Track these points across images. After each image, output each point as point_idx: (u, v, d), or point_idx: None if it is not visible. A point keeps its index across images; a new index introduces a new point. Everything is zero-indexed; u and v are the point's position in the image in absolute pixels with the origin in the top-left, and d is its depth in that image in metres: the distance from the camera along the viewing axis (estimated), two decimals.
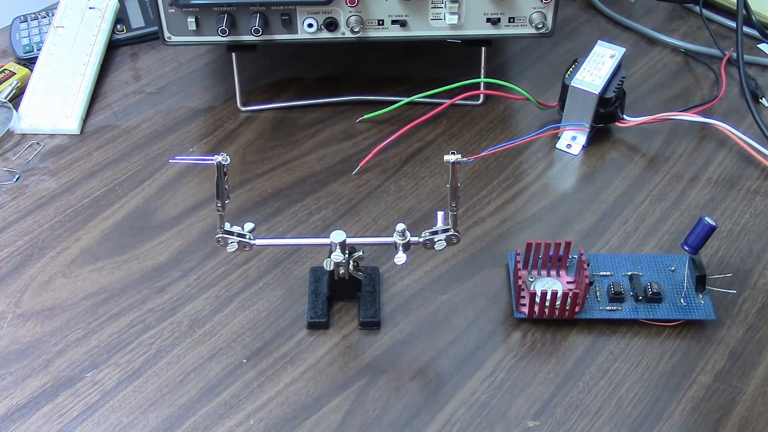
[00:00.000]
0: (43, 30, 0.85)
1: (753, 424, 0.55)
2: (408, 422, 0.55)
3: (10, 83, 0.79)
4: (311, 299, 0.61)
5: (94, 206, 0.69)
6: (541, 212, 0.69)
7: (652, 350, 0.59)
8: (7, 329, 0.60)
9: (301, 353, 0.59)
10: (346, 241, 0.56)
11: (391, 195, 0.70)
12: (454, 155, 0.51)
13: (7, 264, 0.65)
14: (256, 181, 0.72)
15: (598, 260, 0.64)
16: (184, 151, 0.74)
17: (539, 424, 0.55)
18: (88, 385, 0.57)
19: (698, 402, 0.56)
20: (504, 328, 0.60)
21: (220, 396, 0.56)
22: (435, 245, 0.56)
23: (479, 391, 0.57)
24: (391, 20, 0.73)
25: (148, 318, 0.61)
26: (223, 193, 0.53)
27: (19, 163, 0.73)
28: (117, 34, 0.86)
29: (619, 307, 0.60)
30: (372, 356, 0.59)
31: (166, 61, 0.84)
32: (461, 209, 0.68)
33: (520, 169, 0.73)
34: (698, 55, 0.86)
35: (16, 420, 0.55)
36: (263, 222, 0.68)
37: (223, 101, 0.80)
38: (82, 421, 0.55)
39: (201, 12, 0.71)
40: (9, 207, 0.69)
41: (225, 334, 0.60)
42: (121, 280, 0.64)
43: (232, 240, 0.56)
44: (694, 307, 0.60)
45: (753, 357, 0.59)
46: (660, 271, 0.63)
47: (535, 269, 0.62)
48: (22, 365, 0.58)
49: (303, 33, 0.73)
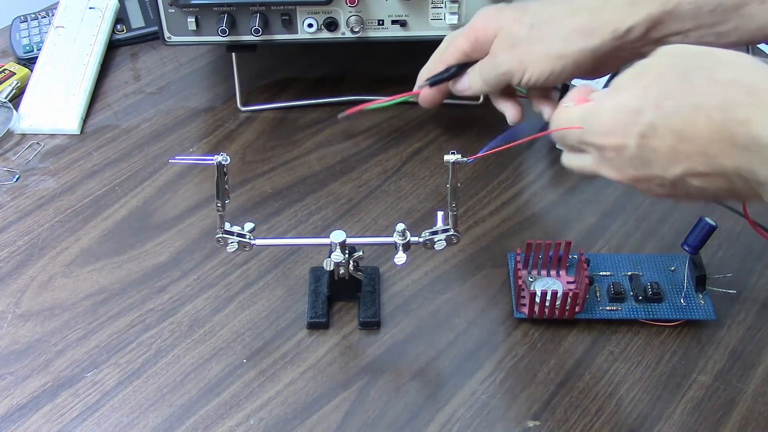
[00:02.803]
0: (43, 30, 0.85)
1: (753, 424, 0.55)
2: (408, 422, 0.55)
3: (10, 83, 0.79)
4: (311, 299, 0.61)
5: (94, 206, 0.69)
6: (541, 212, 0.69)
7: (652, 350, 0.59)
8: (7, 329, 0.60)
9: (301, 353, 0.59)
10: (346, 241, 0.56)
11: (391, 195, 0.70)
12: (454, 155, 0.51)
13: (7, 264, 0.65)
14: (256, 181, 0.72)
15: (598, 260, 0.64)
16: (184, 151, 0.74)
17: (539, 424, 0.55)
18: (88, 385, 0.57)
19: (698, 402, 0.56)
20: (504, 328, 0.60)
21: (220, 396, 0.56)
22: (435, 245, 0.56)
23: (479, 391, 0.57)
24: (391, 20, 0.73)
25: (148, 318, 0.61)
26: (223, 193, 0.53)
27: (19, 163, 0.73)
28: (117, 34, 0.86)
29: (619, 307, 0.60)
30: (372, 356, 0.59)
31: (166, 61, 0.84)
32: (461, 209, 0.68)
33: (520, 169, 0.73)
34: None
35: (16, 420, 0.55)
36: (263, 222, 0.68)
37: (223, 101, 0.80)
38: (82, 421, 0.55)
39: (201, 12, 0.71)
40: (9, 207, 0.69)
41: (225, 334, 0.60)
42: (121, 280, 0.64)
43: (232, 240, 0.56)
44: (694, 307, 0.60)
45: (753, 357, 0.59)
46: (660, 271, 0.63)
47: (535, 269, 0.62)
48: (22, 365, 0.58)
49: (303, 33, 0.73)
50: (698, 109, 0.44)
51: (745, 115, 0.42)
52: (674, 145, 0.45)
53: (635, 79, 0.48)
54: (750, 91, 0.42)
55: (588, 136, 0.50)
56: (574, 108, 0.52)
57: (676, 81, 0.46)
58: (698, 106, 0.44)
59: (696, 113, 0.44)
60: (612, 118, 0.48)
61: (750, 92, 0.42)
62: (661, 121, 0.45)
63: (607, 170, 0.51)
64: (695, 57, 0.46)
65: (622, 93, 0.48)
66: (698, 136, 0.44)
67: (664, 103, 0.45)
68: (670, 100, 0.45)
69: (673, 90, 0.45)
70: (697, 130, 0.44)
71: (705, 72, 0.45)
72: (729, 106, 0.42)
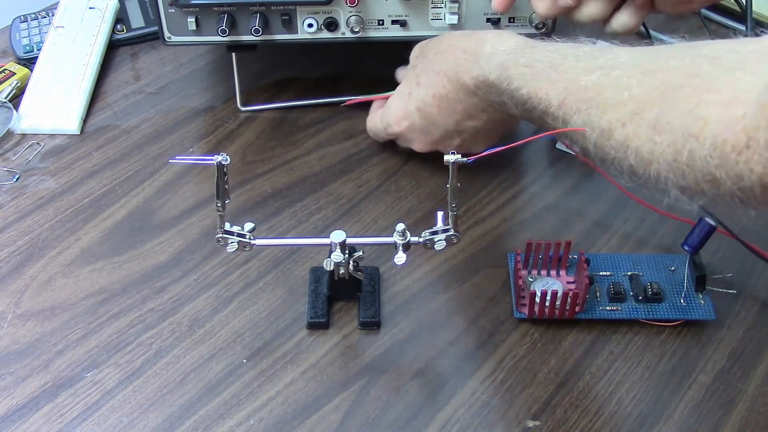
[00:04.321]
0: (43, 30, 0.85)
1: (753, 424, 0.55)
2: (408, 422, 0.55)
3: (10, 83, 0.79)
4: (311, 299, 0.61)
5: (94, 206, 0.69)
6: (541, 212, 0.69)
7: (652, 350, 0.59)
8: (7, 329, 0.60)
9: (301, 353, 0.59)
10: (346, 241, 0.56)
11: (391, 195, 0.70)
12: (454, 155, 0.51)
13: (7, 264, 0.65)
14: (256, 181, 0.72)
15: (598, 260, 0.64)
16: (184, 151, 0.74)
17: (539, 424, 0.55)
18: (88, 385, 0.57)
19: (698, 402, 0.56)
20: (504, 328, 0.60)
21: (220, 396, 0.56)
22: (435, 245, 0.56)
23: (479, 391, 0.57)
24: (391, 20, 0.73)
25: (148, 318, 0.61)
26: (223, 193, 0.53)
27: (19, 163, 0.73)
28: (117, 34, 0.86)
29: (619, 307, 0.60)
30: (372, 356, 0.59)
31: (166, 61, 0.84)
32: (461, 209, 0.68)
33: (520, 169, 0.73)
34: None
35: (16, 420, 0.55)
36: (263, 222, 0.68)
37: (223, 101, 0.80)
38: (82, 421, 0.55)
39: (201, 12, 0.71)
40: (9, 207, 0.69)
41: (225, 334, 0.60)
42: (121, 280, 0.64)
43: (232, 240, 0.56)
44: (694, 307, 0.60)
45: (753, 357, 0.59)
46: (660, 271, 0.63)
47: (535, 269, 0.62)
48: (22, 365, 0.58)
49: (303, 33, 0.73)
50: (439, 74, 0.63)
51: (464, 68, 0.60)
52: (439, 104, 0.63)
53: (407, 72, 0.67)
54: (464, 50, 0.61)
55: (389, 128, 0.68)
56: (377, 111, 0.71)
57: (422, 62, 0.66)
58: (438, 72, 0.63)
59: (439, 77, 0.62)
60: (396, 107, 0.67)
61: (464, 50, 0.61)
62: (423, 93, 0.64)
63: (416, 146, 0.69)
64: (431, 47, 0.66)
65: (400, 87, 0.68)
66: (448, 91, 0.62)
67: (420, 80, 0.65)
68: (422, 76, 0.64)
69: (422, 68, 0.65)
70: (446, 89, 0.62)
71: (433, 48, 0.65)
72: (454, 66, 0.61)
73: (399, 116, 0.67)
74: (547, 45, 0.56)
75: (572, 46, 0.55)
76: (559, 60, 0.54)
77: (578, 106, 0.51)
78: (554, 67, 0.53)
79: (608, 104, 0.49)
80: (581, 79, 0.51)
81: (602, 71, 0.50)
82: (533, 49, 0.57)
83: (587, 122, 0.50)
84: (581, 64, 0.52)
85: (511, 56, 0.57)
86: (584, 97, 0.50)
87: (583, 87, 0.51)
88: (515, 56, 0.57)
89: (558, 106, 0.52)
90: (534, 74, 0.54)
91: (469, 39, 0.61)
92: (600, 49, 0.53)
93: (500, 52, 0.58)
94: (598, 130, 0.49)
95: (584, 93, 0.50)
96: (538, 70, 0.54)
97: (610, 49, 0.53)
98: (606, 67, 0.51)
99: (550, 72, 0.53)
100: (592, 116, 0.50)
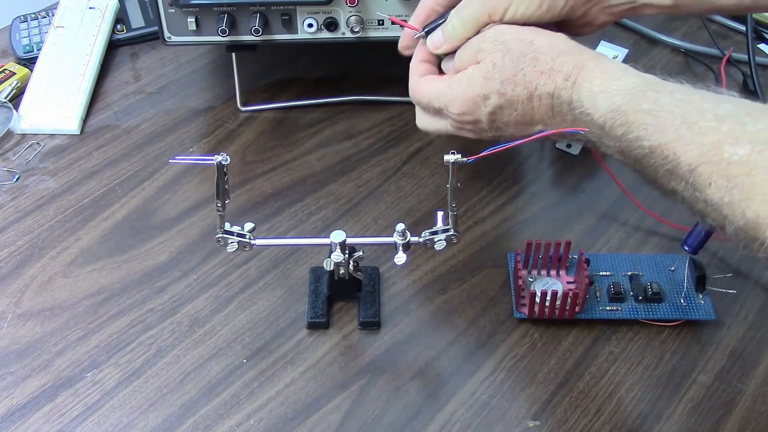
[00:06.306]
0: (43, 30, 0.85)
1: (753, 424, 0.55)
2: (408, 422, 0.55)
3: (10, 83, 0.79)
4: (311, 299, 0.61)
5: (94, 206, 0.69)
6: (541, 212, 0.69)
7: (652, 350, 0.59)
8: (7, 329, 0.60)
9: (301, 353, 0.59)
10: (346, 241, 0.56)
11: (391, 195, 0.70)
12: (454, 155, 0.51)
13: (7, 264, 0.65)
14: (256, 181, 0.72)
15: (598, 260, 0.64)
16: (184, 151, 0.74)
17: (539, 424, 0.55)
18: (88, 385, 0.57)
19: (698, 402, 0.56)
20: (504, 328, 0.60)
21: (220, 396, 0.56)
22: (435, 245, 0.56)
23: (479, 391, 0.57)
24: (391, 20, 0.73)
25: (148, 318, 0.61)
26: (223, 193, 0.53)
27: (19, 163, 0.73)
28: (117, 34, 0.86)
29: (619, 307, 0.60)
30: (372, 356, 0.59)
31: (166, 61, 0.84)
32: (461, 209, 0.68)
33: (520, 169, 0.73)
34: (698, 55, 0.86)
35: (16, 420, 0.55)
36: (263, 222, 0.68)
37: (223, 101, 0.80)
38: (82, 421, 0.55)
39: (201, 12, 0.71)
40: (9, 207, 0.69)
41: (225, 334, 0.60)
42: (121, 280, 0.64)
43: (232, 240, 0.56)
44: (694, 307, 0.60)
45: (753, 357, 0.59)
46: (660, 271, 0.63)
47: (535, 269, 0.62)
48: (22, 365, 0.58)
49: (303, 33, 0.73)
50: (532, 96, 0.54)
51: (567, 97, 0.52)
52: (518, 120, 0.56)
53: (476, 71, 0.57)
54: (566, 77, 0.52)
55: (448, 111, 0.59)
56: (438, 81, 0.60)
57: (510, 68, 0.55)
58: (532, 93, 0.54)
59: (531, 101, 0.54)
60: (464, 103, 0.58)
61: (566, 77, 0.52)
62: (505, 103, 0.56)
63: (466, 134, 0.61)
64: (518, 45, 0.55)
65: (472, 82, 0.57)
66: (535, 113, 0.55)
67: (504, 90, 0.55)
68: (509, 87, 0.55)
69: (510, 78, 0.55)
70: (535, 112, 0.55)
71: (531, 61, 0.54)
72: (554, 92, 0.53)
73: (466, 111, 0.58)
74: (675, 89, 0.48)
75: (709, 97, 0.47)
76: (695, 116, 0.46)
77: (717, 180, 0.44)
78: (687, 124, 0.45)
79: (758, 191, 0.42)
80: (724, 150, 0.43)
81: (753, 146, 0.43)
82: (658, 93, 0.48)
83: (728, 203, 0.43)
84: (725, 127, 0.44)
85: (629, 99, 0.48)
86: (727, 172, 0.43)
87: (727, 160, 0.43)
88: (635, 100, 0.48)
89: (689, 171, 0.45)
90: (659, 127, 0.46)
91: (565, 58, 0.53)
92: (748, 113, 0.45)
93: (614, 93, 0.49)
94: (743, 220, 0.43)
95: (727, 168, 0.43)
96: (665, 122, 0.46)
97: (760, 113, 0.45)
98: (758, 141, 0.43)
99: (681, 129, 0.45)
100: (735, 198, 0.43)
